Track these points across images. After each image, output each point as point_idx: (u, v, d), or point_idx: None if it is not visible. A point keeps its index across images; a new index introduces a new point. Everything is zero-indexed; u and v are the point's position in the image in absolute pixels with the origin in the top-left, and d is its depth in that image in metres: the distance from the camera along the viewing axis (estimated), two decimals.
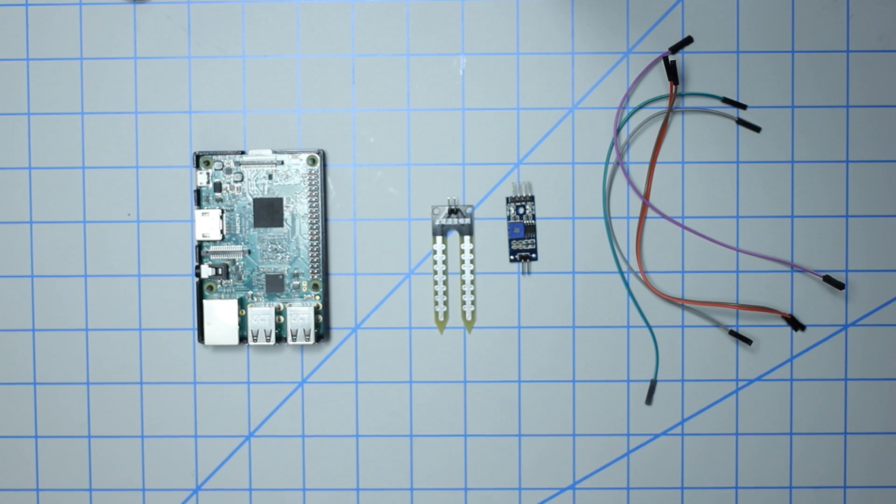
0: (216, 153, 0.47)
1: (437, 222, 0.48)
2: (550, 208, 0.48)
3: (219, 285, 0.47)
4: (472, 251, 0.48)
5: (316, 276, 0.47)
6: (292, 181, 0.47)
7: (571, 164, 0.48)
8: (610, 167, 0.47)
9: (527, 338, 0.48)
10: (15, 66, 0.48)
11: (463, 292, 0.48)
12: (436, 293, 0.48)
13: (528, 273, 0.48)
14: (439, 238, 0.48)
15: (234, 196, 0.47)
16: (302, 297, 0.47)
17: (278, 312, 0.47)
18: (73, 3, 0.48)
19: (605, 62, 0.47)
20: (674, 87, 0.46)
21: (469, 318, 0.48)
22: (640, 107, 0.47)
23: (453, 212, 0.47)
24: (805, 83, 0.47)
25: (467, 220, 0.47)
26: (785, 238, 0.47)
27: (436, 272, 0.48)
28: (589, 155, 0.47)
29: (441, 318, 0.48)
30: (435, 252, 0.47)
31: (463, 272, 0.48)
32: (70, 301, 0.48)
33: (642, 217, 0.48)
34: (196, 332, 0.48)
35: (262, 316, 0.47)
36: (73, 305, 0.48)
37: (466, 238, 0.48)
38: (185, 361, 0.48)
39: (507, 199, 0.47)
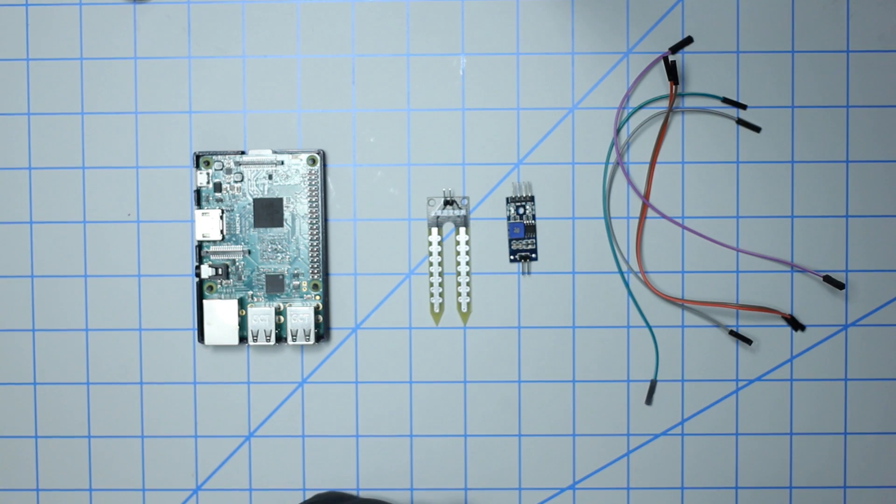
0: (216, 153, 0.47)
1: (432, 213, 0.48)
2: (550, 208, 0.48)
3: (219, 285, 0.47)
4: (467, 242, 0.48)
5: (316, 276, 0.47)
6: (292, 181, 0.47)
7: (571, 164, 0.48)
8: (610, 167, 0.47)
9: (527, 338, 0.48)
10: (15, 66, 0.48)
11: (458, 283, 0.48)
12: (431, 284, 0.48)
13: (528, 273, 0.48)
14: (434, 229, 0.48)
15: (234, 196, 0.47)
16: (302, 297, 0.47)
17: (278, 312, 0.47)
18: (73, 3, 0.48)
19: (605, 62, 0.47)
20: (674, 87, 0.46)
21: (465, 309, 0.48)
22: (640, 107, 0.47)
23: (448, 203, 0.47)
24: (805, 83, 0.47)
25: (462, 212, 0.47)
26: (785, 238, 0.47)
27: (431, 263, 0.48)
28: (589, 155, 0.47)
29: (437, 310, 0.48)
30: (430, 244, 0.47)
31: (458, 263, 0.47)
32: (70, 301, 0.48)
33: (642, 217, 0.48)
34: (196, 332, 0.48)
35: (262, 316, 0.47)
36: (73, 305, 0.48)
37: (462, 230, 0.48)
38: (185, 361, 0.48)
39: (507, 199, 0.47)
